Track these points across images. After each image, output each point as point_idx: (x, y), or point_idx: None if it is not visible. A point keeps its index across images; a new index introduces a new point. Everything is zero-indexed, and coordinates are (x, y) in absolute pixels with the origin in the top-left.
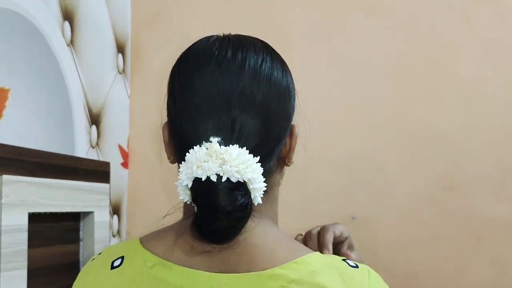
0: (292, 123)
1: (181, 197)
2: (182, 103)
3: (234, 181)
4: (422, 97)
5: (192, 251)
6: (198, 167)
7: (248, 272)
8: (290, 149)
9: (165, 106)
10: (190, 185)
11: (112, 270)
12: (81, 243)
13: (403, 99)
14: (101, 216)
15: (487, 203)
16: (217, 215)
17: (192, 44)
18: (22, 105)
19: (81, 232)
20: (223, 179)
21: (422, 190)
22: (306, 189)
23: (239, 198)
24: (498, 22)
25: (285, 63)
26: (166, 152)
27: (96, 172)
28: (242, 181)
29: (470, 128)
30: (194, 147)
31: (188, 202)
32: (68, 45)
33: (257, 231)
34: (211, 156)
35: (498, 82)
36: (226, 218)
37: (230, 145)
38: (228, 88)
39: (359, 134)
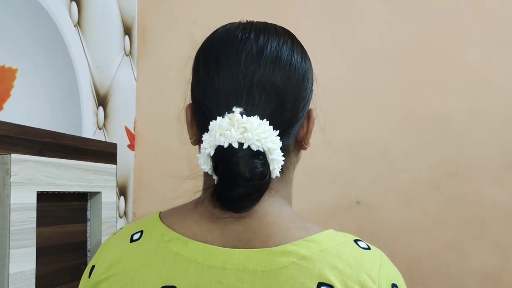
0: (311, 107)
1: (202, 167)
2: (206, 82)
3: (255, 149)
4: (428, 83)
5: (210, 225)
6: (221, 135)
7: (263, 247)
8: (308, 132)
9: (171, 89)
10: (212, 153)
11: (132, 243)
12: (88, 223)
13: (409, 85)
14: (108, 197)
15: (491, 189)
16: (237, 181)
17: (216, 29)
18: (30, 85)
19: (88, 212)
20: (244, 146)
21: (427, 176)
22: (311, 174)
23: (259, 166)
24: (506, 8)
25: (305, 49)
26: (188, 132)
27: (103, 153)
28: (262, 150)
29: (476, 115)
30: (218, 117)
31: (209, 172)
32: (75, 26)
33: (272, 210)
34: (234, 125)
35: (505, 68)
36: (245, 185)
37: (251, 116)
38: (250, 67)
39: (364, 120)
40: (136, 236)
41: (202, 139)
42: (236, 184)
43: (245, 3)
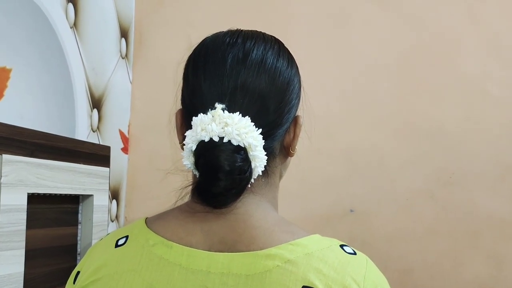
0: (298, 114)
1: (184, 163)
2: (194, 85)
3: (235, 144)
4: (423, 92)
5: (194, 226)
6: (202, 129)
7: (247, 251)
8: (294, 137)
9: (167, 93)
10: (194, 148)
11: (116, 248)
12: (79, 226)
13: (405, 93)
14: (100, 200)
15: (486, 199)
16: (216, 175)
17: (206, 37)
18: (24, 85)
19: (80, 215)
20: (224, 140)
21: (421, 185)
22: (305, 181)
23: (238, 161)
24: (502, 18)
25: (292, 57)
26: (178, 137)
27: (97, 155)
28: (243, 146)
29: (471, 124)
30: (200, 114)
31: (191, 168)
32: (71, 28)
33: (257, 212)
34: (215, 120)
35: (500, 78)
36: (225, 179)
37: (233, 113)
38: (235, 70)
39: (359, 128)
40: (121, 241)
41: (185, 134)
42: (216, 178)
43: (241, 8)
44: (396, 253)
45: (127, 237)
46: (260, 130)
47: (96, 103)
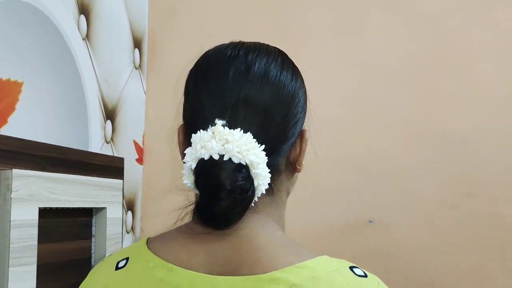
0: (304, 128)
1: (184, 182)
2: (195, 100)
3: (236, 162)
4: (441, 98)
5: (195, 247)
6: (202, 147)
7: (250, 275)
8: (300, 153)
9: (181, 105)
10: (193, 166)
11: (117, 270)
12: (93, 239)
13: (422, 100)
14: (114, 212)
15: (510, 209)
16: (217, 194)
17: (208, 49)
18: (36, 98)
19: (93, 228)
20: (225, 158)
21: (441, 194)
22: (318, 192)
23: (239, 179)
24: None
25: (297, 69)
26: (180, 153)
27: (110, 167)
28: (244, 164)
29: (490, 131)
30: (200, 130)
31: (191, 187)
32: (83, 39)
33: (262, 233)
34: (215, 137)
35: None
36: (226, 198)
37: (235, 129)
38: (237, 83)
39: (372, 135)
40: (121, 264)
41: (185, 152)
42: (216, 198)
43: (255, 15)
44: (416, 266)
45: (127, 259)
46: (263, 146)
47: (110, 114)
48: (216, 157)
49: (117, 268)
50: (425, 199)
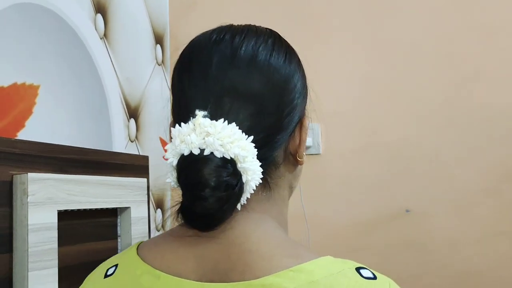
0: (306, 115)
1: (167, 180)
2: (178, 89)
3: (219, 156)
4: (481, 76)
5: (184, 251)
6: (181, 141)
7: (239, 281)
8: (300, 143)
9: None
10: (175, 163)
11: (105, 278)
12: (119, 239)
13: (459, 79)
14: (139, 212)
15: None
16: (199, 192)
17: (195, 37)
18: (54, 101)
19: (119, 228)
20: (206, 153)
21: (482, 181)
22: (349, 182)
23: (224, 175)
24: None
25: (292, 50)
26: None
27: (133, 166)
28: (229, 158)
29: None
30: (182, 123)
31: (174, 186)
32: (101, 39)
33: (256, 234)
34: (195, 130)
35: None
36: (210, 196)
37: (217, 120)
38: (222, 70)
39: (410, 121)
40: (110, 271)
41: (165, 148)
42: (199, 196)
43: (276, 4)
44: (456, 256)
45: (116, 266)
46: (252, 137)
47: (133, 113)
48: (196, 151)
49: (105, 276)
50: (464, 185)
